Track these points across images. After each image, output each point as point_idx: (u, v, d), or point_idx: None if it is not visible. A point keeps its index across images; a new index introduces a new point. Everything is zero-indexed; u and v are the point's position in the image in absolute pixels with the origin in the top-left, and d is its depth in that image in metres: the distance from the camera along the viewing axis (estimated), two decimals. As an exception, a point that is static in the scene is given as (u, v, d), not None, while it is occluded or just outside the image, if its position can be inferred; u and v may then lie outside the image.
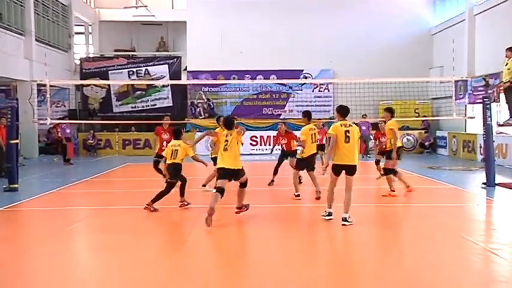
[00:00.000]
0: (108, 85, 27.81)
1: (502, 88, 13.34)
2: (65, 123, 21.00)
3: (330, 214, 8.93)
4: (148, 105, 28.11)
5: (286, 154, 13.46)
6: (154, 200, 9.95)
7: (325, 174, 9.97)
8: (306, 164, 11.25)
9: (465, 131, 23.53)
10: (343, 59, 27.09)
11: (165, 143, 12.44)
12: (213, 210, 8.44)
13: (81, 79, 27.32)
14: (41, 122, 18.07)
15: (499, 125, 14.39)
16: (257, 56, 27.25)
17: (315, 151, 11.43)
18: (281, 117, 27.27)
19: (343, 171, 8.68)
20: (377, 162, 14.36)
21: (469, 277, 6.09)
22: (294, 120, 26.91)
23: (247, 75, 26.79)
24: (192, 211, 10.07)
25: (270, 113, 27.82)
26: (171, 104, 28.06)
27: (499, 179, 13.14)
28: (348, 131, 8.63)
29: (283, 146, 13.51)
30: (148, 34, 32.26)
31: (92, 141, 25.40)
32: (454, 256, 6.86)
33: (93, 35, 31.31)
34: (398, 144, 11.68)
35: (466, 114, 20.55)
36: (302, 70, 27.52)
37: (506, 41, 16.12)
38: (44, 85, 16.75)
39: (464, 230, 8.29)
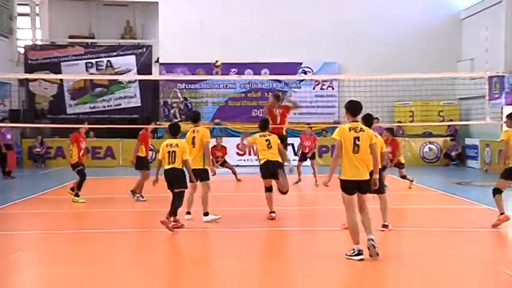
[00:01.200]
0: (61, 80, 27.70)
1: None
2: (4, 126, 20.80)
3: (359, 253, 8.26)
4: (111, 105, 28.01)
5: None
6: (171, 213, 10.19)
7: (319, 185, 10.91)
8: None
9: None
10: (351, 50, 27.12)
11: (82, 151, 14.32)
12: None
13: (26, 72, 27.12)
14: (-24, 125, 17.91)
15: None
16: (245, 46, 27.18)
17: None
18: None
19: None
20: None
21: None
22: (290, 125, 26.89)
23: (233, 70, 26.77)
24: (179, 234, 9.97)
25: (261, 115, 27.71)
26: (139, 104, 27.94)
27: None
28: (357, 138, 8.31)
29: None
30: (111, 17, 32.11)
31: (39, 150, 25.22)
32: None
33: (41, 17, 31.00)
34: None
35: (502, 118, 20.57)
36: (301, 63, 27.58)
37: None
38: (-20, 79, 16.60)
39: (506, 263, 8.22)
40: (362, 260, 8.16)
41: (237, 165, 23.28)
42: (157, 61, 28.33)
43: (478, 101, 25.69)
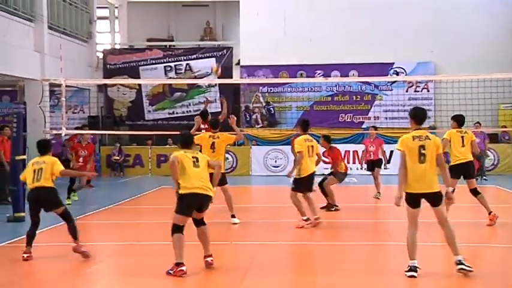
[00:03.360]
0: (139, 85, 28.20)
1: None
2: (84, 134, 21.33)
3: (415, 269, 8.07)
4: (191, 111, 28.19)
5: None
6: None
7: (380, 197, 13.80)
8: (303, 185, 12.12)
9: None
10: (447, 49, 26.48)
11: (81, 159, 15.54)
12: None
13: (104, 77, 27.89)
14: (55, 132, 18.42)
15: None
16: (331, 46, 26.96)
17: (313, 170, 12.25)
18: (364, 125, 26.90)
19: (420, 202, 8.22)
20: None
21: None
22: (382, 131, 26.50)
23: (319, 72, 26.62)
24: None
25: (349, 120, 27.45)
26: (219, 109, 28.09)
27: None
28: (422, 146, 8.04)
29: None
30: (190, 18, 32.55)
31: (118, 157, 25.75)
32: None
33: (120, 21, 31.89)
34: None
35: None
36: (392, 64, 27.08)
37: None
38: (59, 85, 17.10)
39: None
40: (413, 277, 7.98)
41: (323, 174, 23.15)
42: (238, 63, 28.42)
43: None
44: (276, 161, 25.61)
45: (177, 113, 28.46)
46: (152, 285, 8.22)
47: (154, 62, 28.80)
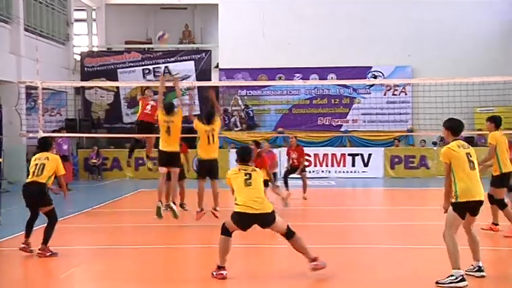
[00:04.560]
0: (117, 87, 28.10)
1: None
2: (61, 136, 21.17)
3: (463, 278, 7.83)
4: (169, 113, 28.13)
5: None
6: None
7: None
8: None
9: None
10: (425, 53, 26.75)
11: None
12: None
13: (82, 80, 27.72)
14: (31, 135, 18.22)
15: None
16: (310, 49, 27.09)
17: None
18: (342, 128, 27.06)
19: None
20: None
21: None
22: (359, 133, 26.67)
23: (298, 75, 26.71)
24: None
25: (327, 123, 27.55)
26: (198, 112, 28.02)
27: None
28: (469, 154, 8.09)
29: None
30: (169, 21, 32.34)
31: (95, 161, 25.61)
32: None
33: (98, 23, 31.64)
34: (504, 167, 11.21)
35: None
36: (370, 67, 27.28)
37: None
38: (35, 88, 16.91)
39: None
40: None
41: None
42: (217, 66, 28.42)
43: None
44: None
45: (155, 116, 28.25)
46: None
47: (132, 64, 28.70)
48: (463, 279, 7.72)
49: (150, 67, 28.70)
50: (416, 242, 11.08)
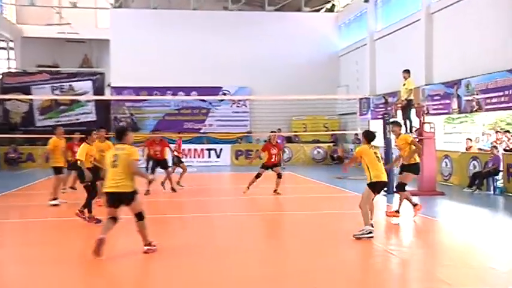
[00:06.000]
0: (31, 100, 26.68)
1: (399, 106, 14.19)
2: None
3: (370, 231, 8.12)
4: (72, 120, 27.12)
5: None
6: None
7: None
8: None
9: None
10: (259, 77, 27.27)
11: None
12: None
13: (2, 93, 25.99)
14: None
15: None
16: (178, 73, 27.10)
17: None
18: (201, 130, 27.34)
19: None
20: (258, 175, 13.68)
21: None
22: (213, 134, 27.08)
23: (169, 91, 26.59)
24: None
25: (191, 127, 27.67)
26: (95, 119, 27.23)
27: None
28: (376, 152, 8.42)
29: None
30: (72, 51, 31.25)
31: (13, 155, 24.20)
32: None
33: (15, 51, 29.86)
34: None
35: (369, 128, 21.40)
36: (221, 87, 27.57)
37: (403, 64, 16.99)
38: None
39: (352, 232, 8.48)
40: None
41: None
42: (109, 85, 27.71)
43: (352, 116, 26.77)
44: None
45: (61, 121, 27.07)
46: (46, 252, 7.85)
47: (43, 82, 27.36)
48: (371, 232, 8.04)
49: (57, 85, 27.51)
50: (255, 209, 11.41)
